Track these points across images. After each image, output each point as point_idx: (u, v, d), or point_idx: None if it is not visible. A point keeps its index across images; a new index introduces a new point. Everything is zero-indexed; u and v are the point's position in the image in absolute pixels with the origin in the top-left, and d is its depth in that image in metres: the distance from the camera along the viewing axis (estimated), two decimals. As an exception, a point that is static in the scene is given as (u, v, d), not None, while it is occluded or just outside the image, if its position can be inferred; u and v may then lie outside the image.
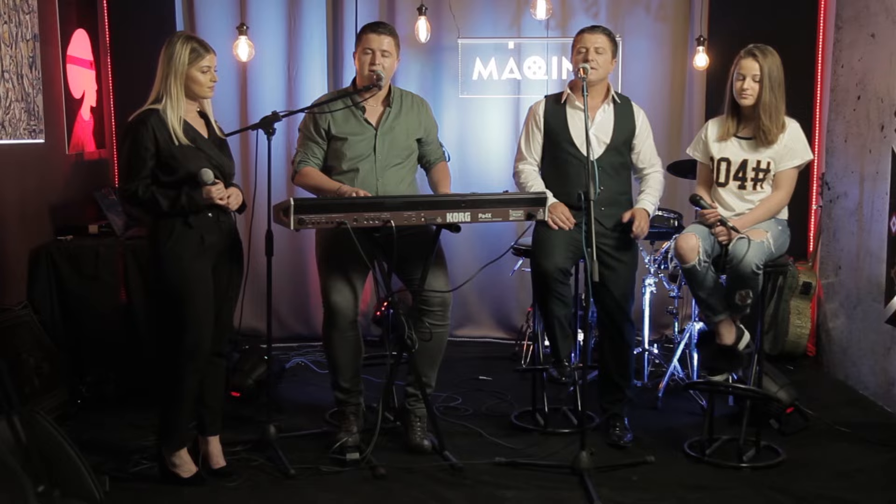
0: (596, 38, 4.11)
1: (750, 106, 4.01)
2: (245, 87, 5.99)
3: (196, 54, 3.61)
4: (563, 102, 4.24)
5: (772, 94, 3.97)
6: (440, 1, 5.86)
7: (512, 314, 6.14)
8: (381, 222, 3.69)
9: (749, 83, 3.97)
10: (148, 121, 3.56)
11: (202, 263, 3.64)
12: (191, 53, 3.60)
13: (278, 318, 6.08)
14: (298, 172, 4.07)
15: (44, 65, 4.88)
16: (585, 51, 4.10)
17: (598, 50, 4.09)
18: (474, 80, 5.95)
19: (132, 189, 3.56)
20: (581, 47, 4.12)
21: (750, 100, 3.98)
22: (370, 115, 4.05)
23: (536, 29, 5.92)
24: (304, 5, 5.91)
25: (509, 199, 3.92)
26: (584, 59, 4.09)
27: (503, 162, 5.99)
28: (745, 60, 3.99)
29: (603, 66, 4.12)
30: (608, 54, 4.13)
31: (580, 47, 4.13)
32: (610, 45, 4.14)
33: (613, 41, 4.17)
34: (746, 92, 3.98)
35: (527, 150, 4.31)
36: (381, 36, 3.99)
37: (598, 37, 4.12)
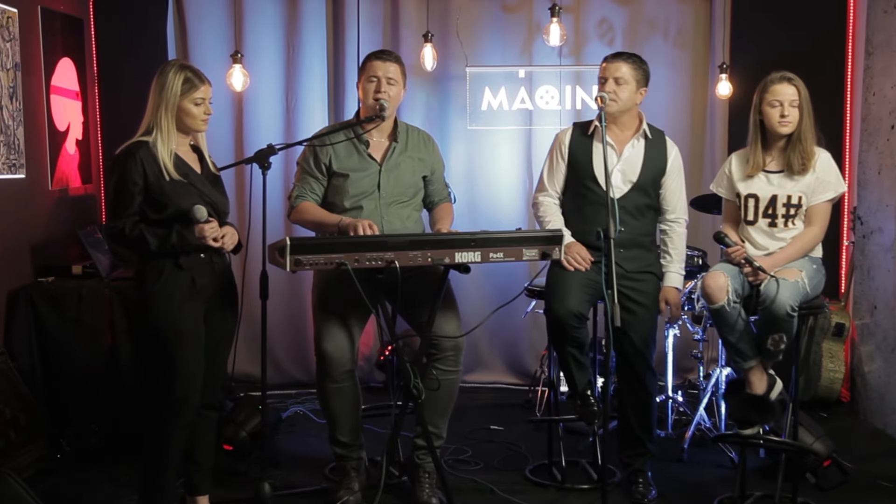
0: (616, 67, 3.86)
1: (783, 135, 3.77)
2: (240, 119, 5.74)
3: (190, 85, 3.39)
4: (590, 134, 3.97)
5: (809, 120, 3.76)
6: (447, 28, 5.63)
7: (524, 358, 5.84)
8: (385, 263, 3.41)
9: (788, 109, 3.74)
10: (136, 154, 3.34)
11: (193, 308, 3.40)
12: (184, 84, 3.38)
13: (275, 364, 5.81)
14: (295, 208, 3.84)
15: (25, 95, 4.62)
16: (605, 81, 3.85)
17: (619, 80, 3.84)
18: (483, 110, 5.72)
19: (119, 227, 3.33)
20: (601, 77, 3.90)
21: (790, 127, 3.76)
22: (374, 150, 3.83)
23: (549, 56, 5.69)
24: (304, 33, 5.68)
25: (522, 237, 3.65)
26: (602, 89, 3.86)
27: (514, 197, 5.76)
28: (780, 86, 3.76)
29: (624, 97, 3.86)
30: (631, 84, 3.87)
31: (600, 77, 3.90)
32: (634, 75, 3.87)
33: (640, 69, 3.90)
34: (787, 119, 3.75)
35: (549, 180, 4.06)
36: (386, 63, 3.79)
37: (618, 65, 3.86)
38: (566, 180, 4.02)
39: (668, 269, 4.01)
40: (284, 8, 5.67)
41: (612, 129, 3.92)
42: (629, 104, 3.89)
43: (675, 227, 4.03)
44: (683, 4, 5.68)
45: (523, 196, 5.75)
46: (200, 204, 3.34)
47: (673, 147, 4.02)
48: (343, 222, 3.63)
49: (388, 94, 3.76)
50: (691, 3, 5.69)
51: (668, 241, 4.04)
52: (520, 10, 5.69)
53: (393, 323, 3.74)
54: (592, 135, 3.96)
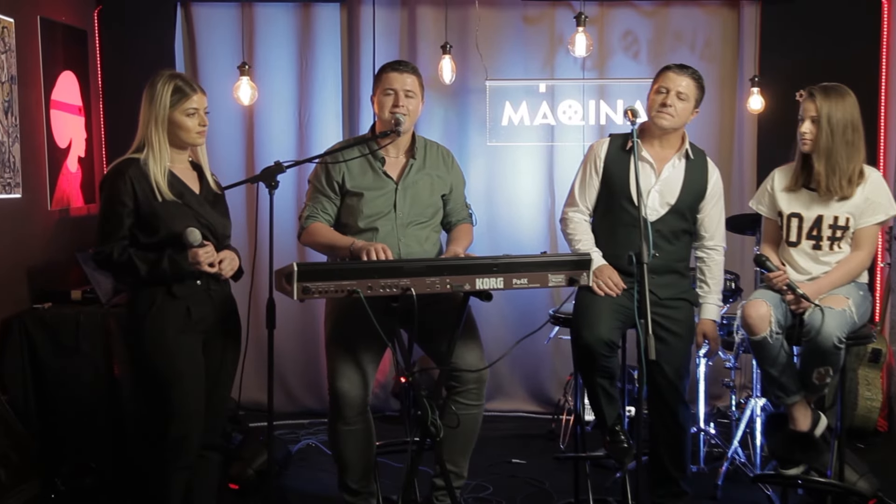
0: (682, 80, 3.60)
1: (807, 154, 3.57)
2: (251, 135, 5.51)
3: (180, 95, 3.17)
4: (628, 149, 3.67)
5: (830, 139, 3.50)
6: (466, 40, 5.41)
7: (547, 385, 5.58)
8: (400, 290, 3.16)
9: (807, 126, 3.53)
10: (126, 172, 3.12)
11: (189, 340, 3.18)
12: (173, 94, 3.16)
13: (287, 392, 5.58)
14: (305, 230, 3.60)
15: (22, 110, 4.40)
16: (666, 92, 3.59)
17: (681, 95, 3.59)
18: (504, 125, 5.48)
19: (106, 251, 3.12)
20: (662, 87, 3.61)
21: (808, 145, 3.54)
22: (391, 168, 3.60)
23: (571, 70, 5.46)
24: (317, 45, 5.46)
25: (548, 261, 3.40)
26: (662, 102, 3.58)
27: (536, 216, 5.52)
28: (804, 101, 3.56)
29: (682, 114, 3.61)
30: (691, 102, 3.62)
31: (661, 86, 3.61)
32: (696, 93, 3.63)
33: (701, 88, 3.66)
34: (805, 136, 3.54)
35: (580, 195, 3.79)
36: (403, 74, 3.56)
37: (685, 80, 3.60)
38: (599, 197, 3.76)
39: (706, 299, 3.77)
40: (297, 19, 5.46)
41: (653, 146, 3.68)
42: (683, 122, 3.65)
43: (714, 255, 3.78)
44: (711, 16, 5.47)
45: (545, 215, 5.51)
46: (195, 226, 3.12)
47: (714, 170, 3.77)
48: (355, 245, 3.40)
49: (407, 109, 3.54)
50: (718, 15, 5.48)
51: (705, 269, 3.79)
52: (541, 21, 5.47)
53: (409, 354, 3.51)
54: (631, 150, 3.66)
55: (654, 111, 3.59)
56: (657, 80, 3.64)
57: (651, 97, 3.64)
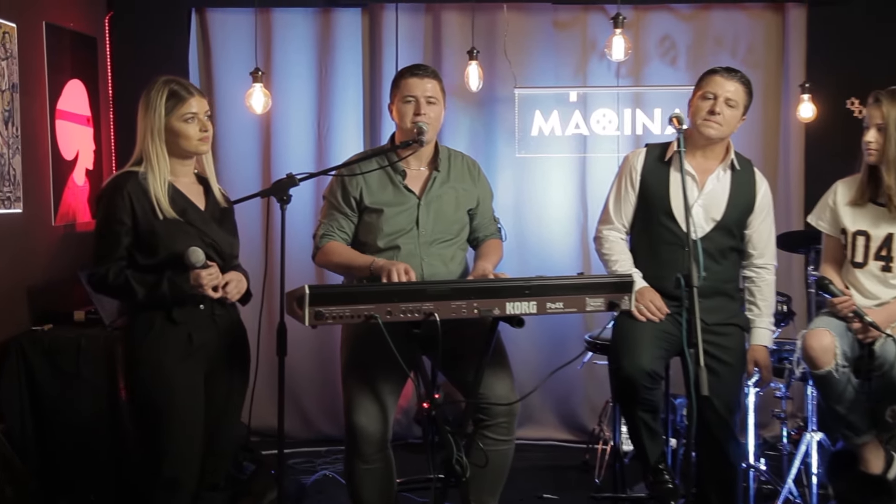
0: (731, 85, 3.30)
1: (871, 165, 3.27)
2: (268, 146, 5.26)
3: (176, 100, 2.92)
4: (667, 160, 3.41)
5: None
6: (493, 46, 5.13)
7: (580, 412, 5.26)
8: (423, 315, 2.88)
9: (873, 135, 3.23)
10: (124, 187, 2.87)
11: (190, 370, 2.92)
12: (168, 100, 2.91)
13: (303, 417, 5.31)
14: (321, 249, 3.32)
15: (25, 120, 4.15)
16: (714, 98, 3.29)
17: (730, 102, 3.29)
18: (533, 136, 5.19)
19: (101, 272, 2.87)
20: (709, 92, 3.31)
21: (874, 156, 3.24)
22: (412, 181, 3.32)
23: (605, 77, 5.17)
24: (337, 52, 5.20)
25: (586, 283, 3.08)
26: (710, 109, 3.27)
27: (567, 232, 5.22)
28: (870, 107, 3.26)
29: (730, 122, 3.31)
30: (740, 109, 3.33)
31: (707, 92, 3.31)
32: (744, 99, 3.34)
33: (750, 94, 3.36)
34: (871, 146, 3.25)
35: (615, 210, 3.51)
36: (424, 80, 3.30)
37: (734, 84, 3.31)
38: (636, 212, 3.47)
39: (757, 323, 3.46)
40: (316, 25, 5.21)
41: (695, 157, 3.38)
42: (731, 131, 3.35)
43: (764, 275, 3.48)
44: (753, 19, 5.16)
45: (577, 231, 5.20)
46: (198, 245, 2.86)
47: (763, 181, 3.47)
48: (375, 265, 3.12)
49: (429, 116, 3.26)
50: (762, 18, 5.16)
51: (755, 290, 3.48)
52: (573, 25, 5.18)
53: (433, 382, 3.21)
54: (670, 161, 3.41)
55: (700, 119, 3.29)
56: (702, 84, 3.35)
57: (695, 103, 3.34)
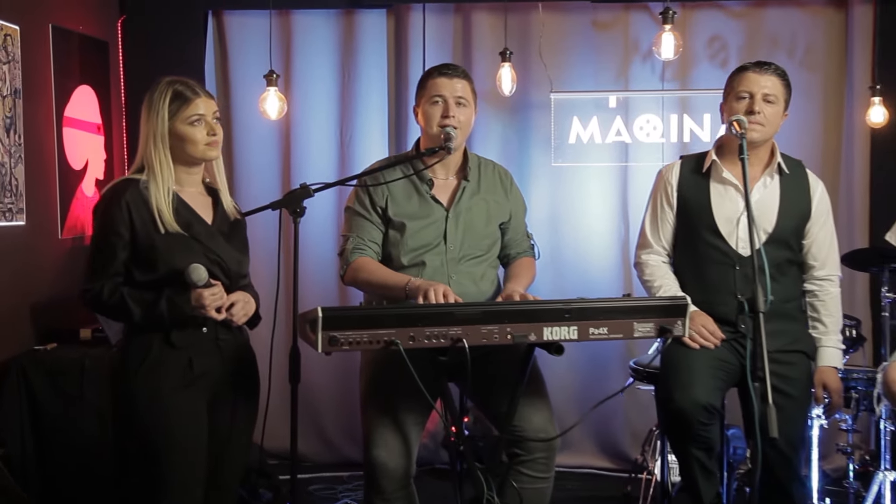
0: (767, 79, 3.01)
1: None
2: (288, 155, 4.98)
3: (181, 101, 2.67)
4: (705, 171, 3.12)
5: None
6: (528, 48, 4.83)
7: (620, 438, 4.91)
8: (450, 341, 2.56)
9: None
10: (122, 197, 2.61)
11: (190, 399, 2.65)
12: (172, 102, 2.66)
13: (323, 438, 5.01)
14: (350, 266, 3.00)
15: (28, 127, 3.91)
16: (749, 97, 2.98)
17: (769, 97, 3.00)
18: (571, 143, 4.87)
19: (95, 289, 2.63)
20: (743, 91, 3.01)
21: None
22: (440, 192, 3.03)
23: (649, 80, 4.85)
24: (361, 56, 4.92)
25: (634, 306, 2.72)
26: (748, 109, 2.97)
27: (607, 247, 4.88)
28: None
29: (772, 121, 3.01)
30: (780, 104, 3.03)
31: (741, 91, 3.01)
32: (783, 92, 3.04)
33: (788, 86, 3.06)
34: None
35: (653, 233, 3.21)
36: (453, 80, 3.00)
37: (769, 79, 3.01)
38: (676, 232, 3.17)
39: (823, 342, 3.12)
40: (339, 28, 4.94)
41: (737, 165, 3.04)
42: (775, 131, 3.05)
43: (828, 287, 3.14)
44: (813, 16, 4.80)
45: (617, 246, 4.88)
46: (202, 262, 2.59)
47: (818, 183, 3.16)
48: (412, 285, 2.81)
49: (458, 120, 2.97)
50: (822, 15, 4.80)
51: (819, 305, 3.14)
52: (614, 25, 4.86)
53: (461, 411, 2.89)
54: (709, 172, 3.11)
55: (734, 121, 2.97)
56: (733, 84, 3.06)
57: (729, 106, 3.05)
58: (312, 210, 4.73)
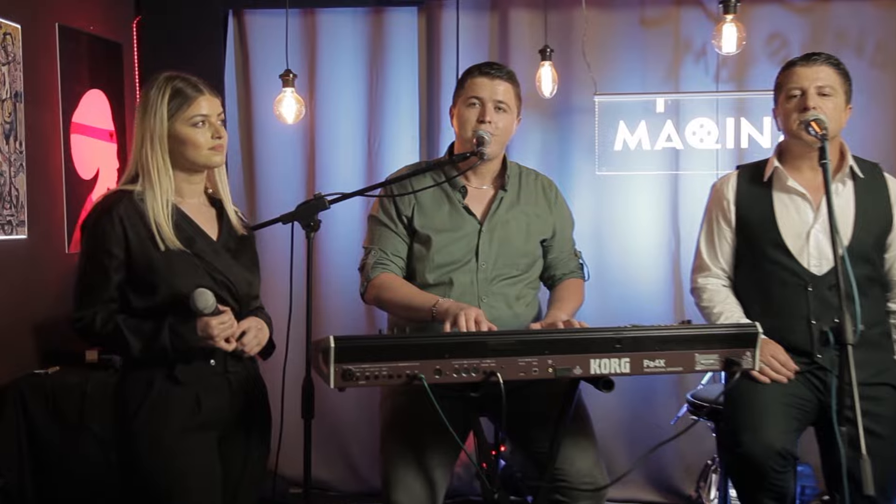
0: (818, 71, 2.68)
1: None
2: (312, 163, 4.66)
3: (181, 100, 2.37)
4: (766, 180, 2.78)
5: None
6: (570, 48, 4.47)
7: (672, 471, 4.50)
8: (482, 375, 2.24)
9: None
10: (114, 211, 2.34)
11: (199, 443, 2.37)
12: (171, 100, 2.37)
13: (350, 466, 4.68)
14: (371, 283, 2.73)
15: (31, 133, 3.65)
16: (801, 94, 2.66)
17: (824, 90, 2.67)
18: (617, 150, 4.50)
19: (86, 319, 2.34)
20: (794, 88, 2.68)
21: None
22: (473, 202, 2.74)
23: (702, 81, 4.46)
24: (390, 57, 4.60)
25: (695, 335, 2.37)
26: (802, 106, 2.64)
27: (658, 266, 4.49)
28: None
29: (832, 115, 2.66)
30: (839, 97, 2.69)
31: (791, 89, 2.69)
32: (842, 84, 2.71)
33: (846, 76, 2.73)
34: None
35: (710, 254, 2.89)
36: (494, 81, 2.70)
37: (821, 69, 2.68)
38: (736, 251, 2.84)
39: None
40: (366, 27, 4.63)
41: (801, 172, 2.76)
42: (838, 129, 2.71)
43: None
44: (885, 11, 4.38)
45: (668, 262, 4.49)
46: (208, 285, 2.30)
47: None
48: (440, 307, 2.51)
49: (497, 126, 2.67)
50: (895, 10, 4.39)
51: None
52: (664, 22, 4.49)
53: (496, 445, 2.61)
54: (770, 181, 2.76)
55: (795, 122, 2.66)
56: (782, 83, 2.75)
57: (782, 108, 2.74)
58: (335, 222, 4.51)
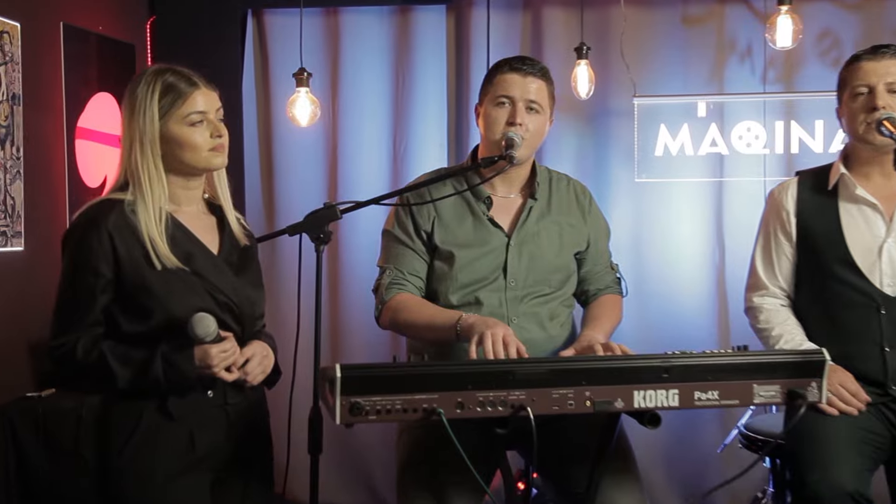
0: (889, 66, 2.41)
1: None
2: (334, 170, 4.43)
3: (174, 95, 2.11)
4: (831, 189, 2.50)
5: None
6: (607, 48, 4.22)
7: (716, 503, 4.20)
8: (510, 409, 1.97)
9: None
10: (102, 223, 2.06)
11: (192, 488, 2.11)
12: (164, 96, 2.11)
13: (370, 488, 4.45)
14: (387, 305, 2.47)
15: (30, 139, 3.43)
16: (869, 91, 2.40)
17: (894, 86, 2.39)
18: (657, 156, 4.24)
19: (66, 346, 2.07)
20: (859, 86, 2.42)
21: None
22: (500, 213, 2.49)
23: (748, 82, 4.19)
24: (416, 58, 4.37)
25: (754, 363, 2.07)
26: (870, 105, 2.38)
27: (701, 280, 4.22)
28: None
29: None
30: None
31: (857, 86, 2.43)
32: None
33: None
34: None
35: (767, 271, 2.62)
36: (527, 78, 2.45)
37: (891, 64, 2.42)
38: (797, 268, 2.57)
39: None
40: (392, 27, 4.41)
41: (870, 180, 2.50)
42: None
43: None
44: (946, 5, 4.09)
45: (712, 275, 4.22)
46: (209, 308, 2.05)
47: None
48: (464, 323, 2.26)
49: (528, 128, 2.42)
50: (958, 3, 4.10)
51: None
52: (708, 20, 4.24)
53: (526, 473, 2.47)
54: (836, 190, 2.49)
55: (861, 124, 2.41)
56: (846, 80, 2.49)
57: (847, 108, 2.47)
58: (357, 233, 4.26)
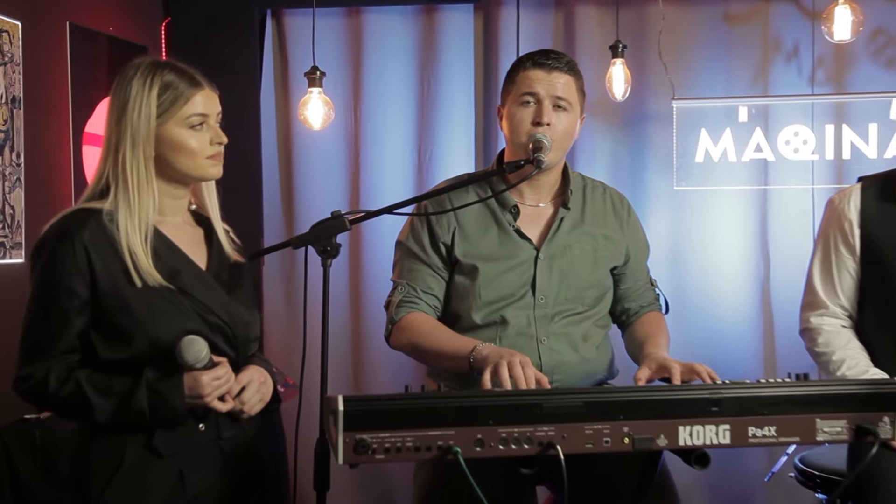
0: None
1: None
2: (356, 177, 4.24)
3: (175, 95, 1.91)
4: None
5: None
6: (644, 47, 4.01)
7: (761, 535, 3.96)
8: (537, 447, 1.74)
9: None
10: (77, 236, 1.86)
11: None
12: (162, 93, 1.90)
13: None
14: (397, 325, 2.28)
15: (34, 144, 3.24)
16: None
17: None
18: (698, 162, 4.00)
19: (36, 377, 1.88)
20: None
21: None
22: (528, 223, 2.30)
23: (795, 84, 3.95)
24: (443, 60, 4.17)
25: (816, 394, 1.83)
26: None
27: (745, 295, 3.98)
28: None
29: None
30: None
31: None
32: None
33: None
34: None
35: (826, 288, 2.40)
36: (552, 74, 2.27)
37: None
38: (860, 285, 2.35)
39: None
40: (417, 28, 4.22)
41: None
42: None
43: None
44: None
45: (756, 289, 3.98)
46: (199, 331, 1.84)
47: None
48: (479, 353, 2.06)
49: (555, 129, 2.22)
50: None
51: None
52: (751, 19, 4.01)
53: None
54: None
55: None
56: None
57: None
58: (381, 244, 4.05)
